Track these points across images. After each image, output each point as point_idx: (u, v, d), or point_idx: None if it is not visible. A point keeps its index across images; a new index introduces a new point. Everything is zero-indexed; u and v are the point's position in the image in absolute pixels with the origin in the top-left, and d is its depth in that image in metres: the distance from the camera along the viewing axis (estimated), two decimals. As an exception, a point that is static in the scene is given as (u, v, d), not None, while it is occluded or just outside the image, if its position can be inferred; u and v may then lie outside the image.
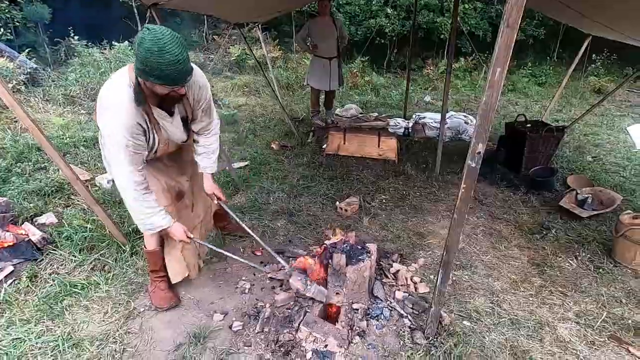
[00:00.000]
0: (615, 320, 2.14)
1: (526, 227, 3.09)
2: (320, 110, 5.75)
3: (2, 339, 1.91)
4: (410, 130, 5.50)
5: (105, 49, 7.56)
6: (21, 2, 7.61)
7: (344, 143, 4.51)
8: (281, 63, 9.04)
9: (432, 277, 2.45)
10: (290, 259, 2.60)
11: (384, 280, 2.36)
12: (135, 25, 9.31)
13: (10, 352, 1.84)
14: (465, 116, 5.84)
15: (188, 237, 1.92)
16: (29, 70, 5.89)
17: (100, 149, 1.96)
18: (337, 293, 2.10)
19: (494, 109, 1.40)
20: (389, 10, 9.74)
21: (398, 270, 2.42)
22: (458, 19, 9.19)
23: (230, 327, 2.01)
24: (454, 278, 2.43)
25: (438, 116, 5.83)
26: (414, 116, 5.99)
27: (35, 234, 2.61)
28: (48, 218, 2.90)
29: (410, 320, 2.06)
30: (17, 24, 7.34)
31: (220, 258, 2.61)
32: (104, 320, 2.07)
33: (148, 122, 1.71)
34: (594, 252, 2.76)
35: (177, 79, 1.51)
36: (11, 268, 2.41)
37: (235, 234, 2.83)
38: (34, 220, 2.88)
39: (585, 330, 2.07)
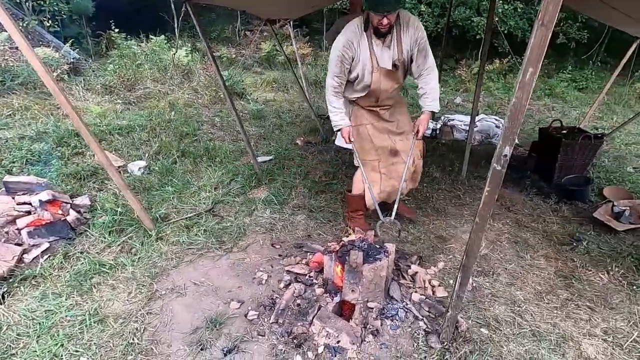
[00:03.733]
0: (647, 341, 2.02)
1: (555, 237, 2.96)
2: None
3: (36, 310, 2.05)
4: (437, 132, 5.38)
5: (142, 42, 7.87)
6: (68, -5, 8.06)
7: (369, 142, 4.47)
8: (311, 60, 9.07)
9: (451, 281, 2.40)
10: (308, 253, 2.63)
11: (401, 281, 2.34)
12: (172, 19, 9.62)
13: (43, 322, 1.97)
14: (496, 119, 5.65)
15: (349, 140, 2.47)
16: (72, 60, 6.24)
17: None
18: (352, 290, 2.10)
19: (523, 111, 1.35)
20: (422, 8, 9.54)
21: (416, 273, 2.38)
22: (496, 19, 8.92)
23: (245, 316, 2.06)
24: (474, 284, 2.37)
25: (467, 118, 5.67)
26: (442, 118, 5.86)
27: (70, 214, 2.76)
28: (82, 200, 3.06)
29: (425, 324, 2.03)
30: (64, 16, 7.77)
31: (240, 248, 2.68)
32: (128, 300, 2.17)
33: (360, 43, 2.32)
34: (628, 268, 2.60)
35: (378, 3, 2.18)
36: (47, 244, 2.57)
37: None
38: (70, 201, 3.05)
39: (613, 349, 1.97)
